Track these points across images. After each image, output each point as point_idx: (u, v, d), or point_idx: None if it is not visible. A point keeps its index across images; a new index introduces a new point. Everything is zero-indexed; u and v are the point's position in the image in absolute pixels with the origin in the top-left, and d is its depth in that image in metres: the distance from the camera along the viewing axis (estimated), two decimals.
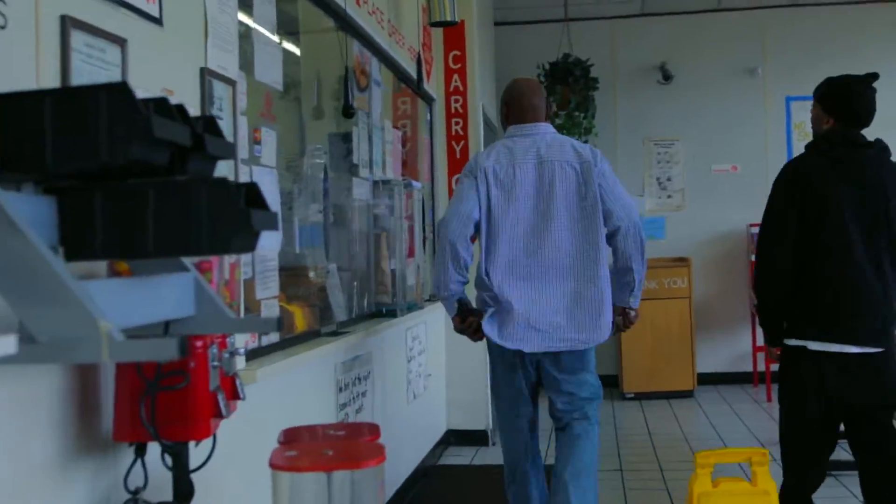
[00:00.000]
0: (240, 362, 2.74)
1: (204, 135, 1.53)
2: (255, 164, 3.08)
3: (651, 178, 8.99)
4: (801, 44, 8.82)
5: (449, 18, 5.19)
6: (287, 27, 3.70)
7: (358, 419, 4.03)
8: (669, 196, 8.97)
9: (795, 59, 8.81)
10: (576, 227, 3.69)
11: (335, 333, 3.89)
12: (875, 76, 3.72)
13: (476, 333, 3.79)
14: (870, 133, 3.64)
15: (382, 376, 4.56)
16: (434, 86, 6.40)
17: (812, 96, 3.77)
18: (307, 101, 4.13)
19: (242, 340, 2.72)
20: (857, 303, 3.49)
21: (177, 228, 1.41)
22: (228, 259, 1.96)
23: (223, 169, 2.63)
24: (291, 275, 3.67)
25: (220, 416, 1.78)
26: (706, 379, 8.48)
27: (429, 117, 6.44)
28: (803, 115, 8.76)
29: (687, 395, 8.13)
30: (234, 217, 1.44)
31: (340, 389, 3.80)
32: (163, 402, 1.67)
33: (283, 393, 3.11)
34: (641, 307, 7.98)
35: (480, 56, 6.80)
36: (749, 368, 8.51)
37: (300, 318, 3.54)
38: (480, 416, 6.38)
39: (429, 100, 6.35)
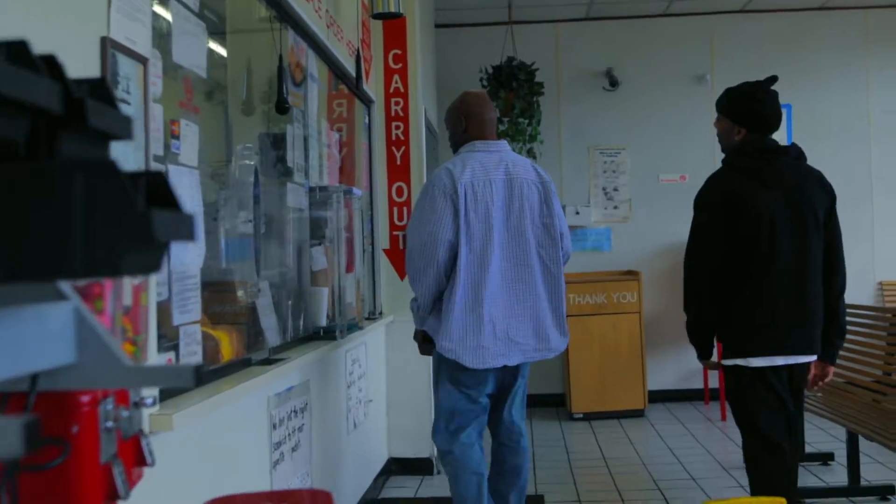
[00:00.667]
0: (147, 411, 2.22)
1: (85, 101, 1.04)
2: (173, 161, 2.57)
3: (597, 188, 8.61)
4: (750, 50, 8.54)
5: (393, 10, 4.73)
6: (213, 7, 3.19)
7: (294, 458, 3.52)
8: (616, 206, 8.60)
9: (745, 66, 8.50)
10: (540, 248, 3.83)
11: (268, 361, 3.39)
12: (774, 79, 3.71)
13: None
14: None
15: (320, 406, 4.06)
16: (373, 86, 5.93)
17: (717, 106, 3.74)
18: (235, 93, 3.62)
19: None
20: (800, 313, 3.52)
21: (39, 239, 0.92)
22: (131, 279, 1.49)
23: (132, 166, 2.12)
24: (216, 294, 3.16)
25: (115, 497, 1.28)
26: (656, 397, 8.12)
27: (367, 120, 5.95)
28: None
29: (638, 414, 7.75)
30: (127, 222, 0.95)
31: (275, 426, 3.29)
32: (30, 486, 1.18)
33: (208, 439, 2.60)
34: (590, 322, 7.71)
35: (422, 57, 6.34)
36: (700, 385, 8.18)
37: (227, 345, 3.03)
38: (424, 443, 5.89)
39: (367, 101, 5.87)
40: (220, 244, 3.19)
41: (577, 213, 8.43)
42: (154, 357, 2.19)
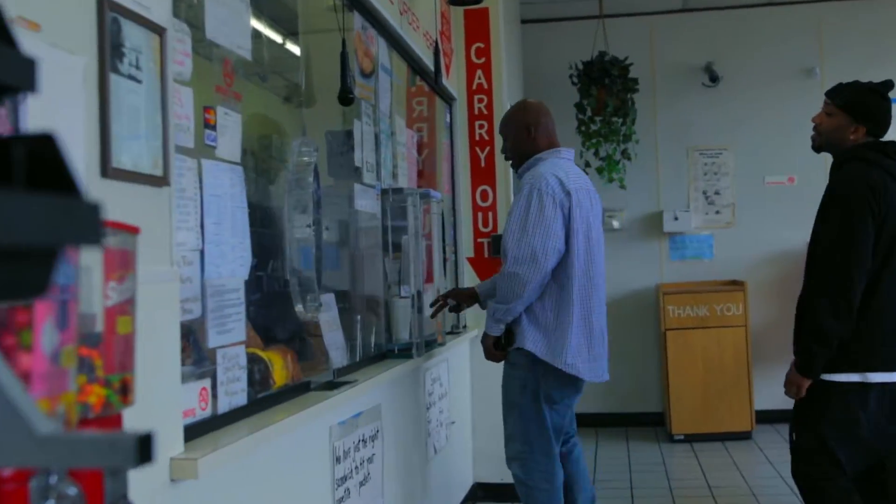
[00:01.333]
0: (172, 446, 1.83)
1: None
2: (208, 156, 2.19)
3: (697, 192, 8.04)
4: (862, 40, 7.88)
5: None
6: None
7: (363, 493, 3.12)
8: (718, 211, 8.01)
9: (857, 57, 7.87)
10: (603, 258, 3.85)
11: (332, 385, 2.98)
12: (892, 85, 3.48)
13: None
14: None
15: (395, 432, 3.65)
16: (454, 83, 5.51)
17: (831, 99, 3.42)
18: (294, 81, 3.24)
19: (172, 416, 1.82)
20: None
21: None
22: (95, 295, 1.09)
23: (147, 162, 1.74)
24: (269, 309, 2.78)
25: None
26: (765, 417, 7.46)
27: (448, 119, 5.54)
28: None
29: (744, 436, 7.14)
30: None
31: (338, 459, 2.89)
32: None
33: (249, 483, 2.20)
34: (691, 337, 7.17)
35: (507, 51, 5.91)
36: None
37: (280, 369, 2.63)
38: None
39: (449, 99, 5.46)
40: (272, 250, 2.81)
41: (676, 218, 7.88)
42: (171, 392, 1.80)
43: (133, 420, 1.41)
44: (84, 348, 1.12)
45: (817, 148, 3.50)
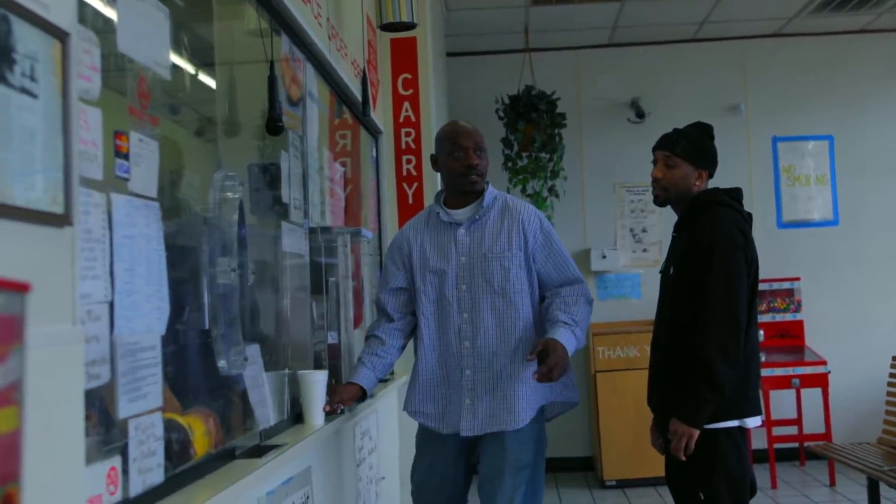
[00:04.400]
0: None
1: None
2: (120, 190, 1.85)
3: (624, 229, 7.89)
4: (787, 78, 7.87)
5: (405, 19, 4.03)
6: None
7: None
8: (645, 249, 7.87)
9: (782, 95, 7.86)
10: None
11: (258, 450, 2.63)
12: (711, 126, 3.53)
13: None
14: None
15: (325, 495, 3.30)
16: (380, 115, 5.23)
17: (668, 150, 3.37)
18: (219, 109, 2.91)
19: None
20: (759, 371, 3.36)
21: None
22: None
23: (44, 196, 1.40)
24: (186, 367, 2.42)
25: None
26: None
27: (374, 153, 5.24)
28: (792, 158, 7.82)
29: None
30: None
31: None
32: None
33: None
34: (620, 379, 6.95)
35: (435, 83, 5.65)
36: (756, 445, 7.37)
37: (201, 436, 2.28)
38: None
39: (375, 132, 5.17)
40: (191, 301, 2.46)
41: (604, 256, 7.70)
42: (72, 480, 1.45)
43: None
44: None
45: (662, 203, 3.46)
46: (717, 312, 3.11)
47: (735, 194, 3.39)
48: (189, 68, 3.10)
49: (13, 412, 0.88)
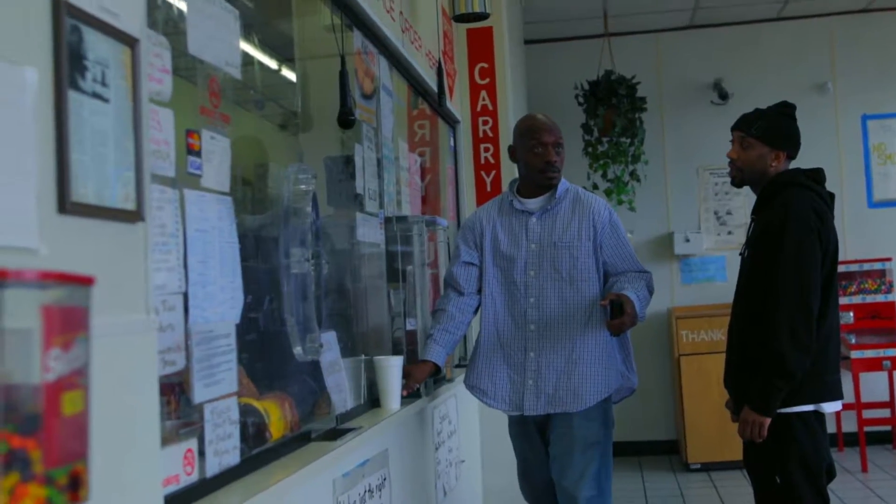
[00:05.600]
0: None
1: None
2: (192, 186, 1.94)
3: (708, 213, 7.81)
4: (876, 55, 7.67)
5: (478, 9, 4.08)
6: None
7: None
8: (730, 232, 7.78)
9: (871, 72, 7.67)
10: None
11: (335, 433, 2.72)
12: (794, 106, 3.44)
13: None
14: None
15: (402, 478, 3.38)
16: (458, 105, 5.28)
17: (743, 131, 3.32)
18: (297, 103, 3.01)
19: (150, 489, 1.57)
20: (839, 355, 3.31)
21: None
22: (32, 367, 0.84)
23: (116, 194, 1.49)
24: (264, 353, 2.52)
25: None
26: None
27: (452, 142, 5.31)
28: (882, 136, 7.62)
29: None
30: None
31: None
32: None
33: None
34: (706, 362, 6.90)
35: (512, 71, 5.68)
36: (832, 429, 7.25)
37: (277, 419, 2.38)
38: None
39: (452, 121, 5.23)
40: (268, 290, 2.56)
41: (687, 240, 7.63)
42: (147, 460, 1.55)
43: (103, 497, 1.17)
44: (16, 438, 0.88)
45: (739, 183, 3.43)
46: (787, 298, 3.08)
47: (815, 175, 3.32)
48: (271, 63, 3.21)
49: (79, 395, 0.96)
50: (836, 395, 3.22)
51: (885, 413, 7.18)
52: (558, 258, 3.40)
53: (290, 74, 3.36)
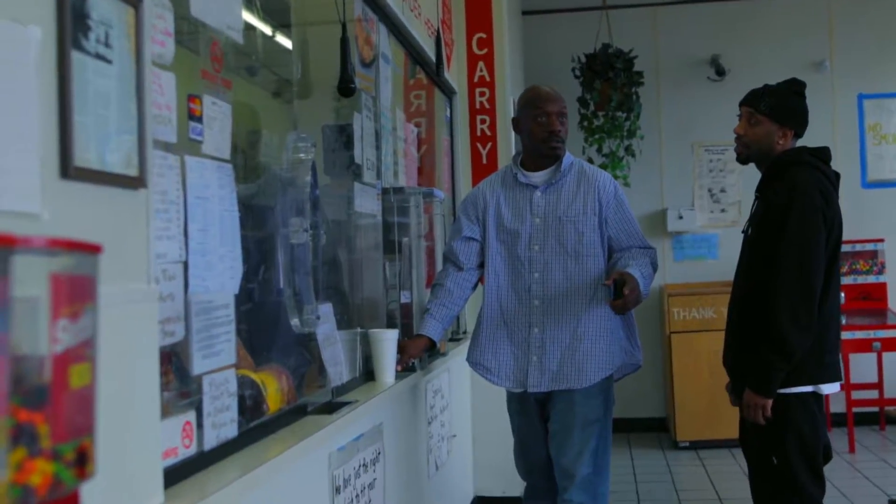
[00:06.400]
0: (151, 497, 1.53)
1: None
2: (193, 152, 1.89)
3: (702, 189, 7.77)
4: (874, 34, 7.63)
5: None
6: None
7: None
8: (723, 210, 7.75)
9: (868, 52, 7.62)
10: None
11: (330, 406, 2.69)
12: (803, 83, 3.36)
13: None
14: None
15: (396, 452, 3.36)
16: (454, 75, 5.22)
17: (752, 107, 3.27)
18: (294, 69, 2.94)
19: (150, 461, 1.53)
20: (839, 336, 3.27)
21: None
22: (39, 338, 0.80)
23: (119, 159, 1.44)
24: (260, 324, 2.48)
25: None
26: None
27: (448, 113, 5.25)
28: (878, 116, 7.60)
29: None
30: None
31: (338, 490, 2.60)
32: None
33: None
34: (696, 340, 6.90)
35: (510, 42, 5.62)
36: (834, 409, 7.25)
37: (274, 392, 2.34)
38: (514, 479, 5.13)
39: (449, 92, 5.17)
40: (263, 259, 2.51)
41: (681, 216, 7.61)
42: (147, 433, 1.51)
43: (103, 469, 1.13)
44: (23, 411, 0.83)
45: (744, 160, 3.39)
46: (789, 278, 3.05)
47: (821, 154, 3.27)
48: (266, 29, 3.14)
49: (86, 368, 0.92)
50: (836, 376, 3.20)
51: (873, 394, 7.19)
52: (563, 233, 3.35)
53: (284, 41, 3.30)
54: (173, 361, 1.85)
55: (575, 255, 3.34)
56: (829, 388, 3.19)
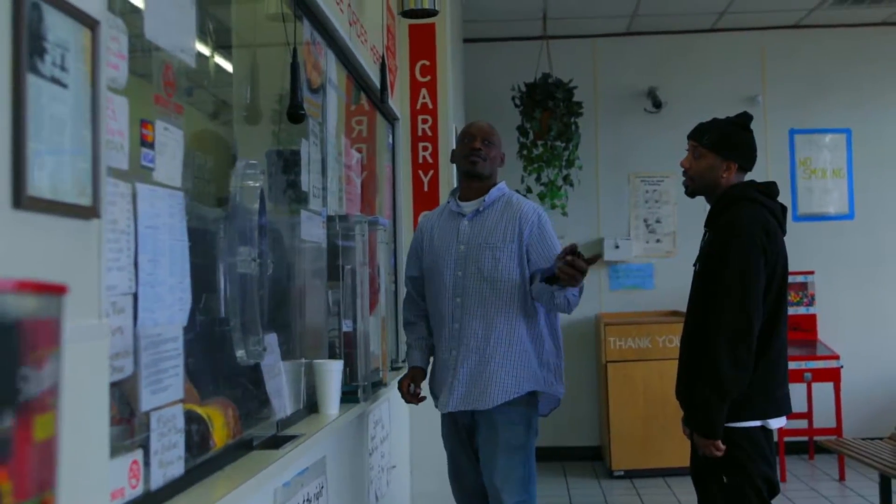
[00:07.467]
0: None
1: None
2: (145, 180, 1.82)
3: (638, 220, 7.85)
4: (805, 70, 7.80)
5: (427, 6, 3.99)
6: None
7: None
8: (658, 240, 7.83)
9: (800, 87, 7.80)
10: None
11: (275, 441, 2.62)
12: (750, 116, 3.43)
13: None
14: None
15: (338, 485, 3.28)
16: (398, 102, 5.19)
17: (696, 140, 3.33)
18: (237, 93, 2.87)
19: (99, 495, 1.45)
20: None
21: None
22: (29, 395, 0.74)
23: (73, 188, 1.38)
24: (206, 357, 2.40)
25: None
26: None
27: (390, 140, 5.21)
28: (808, 151, 7.76)
29: (686, 472, 6.90)
30: None
31: None
32: None
33: None
34: (632, 369, 6.93)
35: (452, 70, 5.60)
36: None
37: (221, 428, 2.26)
38: None
39: (392, 118, 5.13)
40: (212, 289, 2.44)
41: (617, 246, 7.66)
42: (97, 476, 1.43)
43: None
44: None
45: (692, 193, 3.42)
46: (726, 317, 3.06)
47: (767, 189, 3.29)
48: (205, 50, 3.06)
49: (50, 418, 0.86)
50: (783, 409, 3.22)
51: (803, 424, 7.30)
52: (481, 259, 3.46)
53: (225, 63, 3.22)
54: (119, 398, 1.77)
55: (491, 280, 3.44)
56: (777, 423, 3.19)
